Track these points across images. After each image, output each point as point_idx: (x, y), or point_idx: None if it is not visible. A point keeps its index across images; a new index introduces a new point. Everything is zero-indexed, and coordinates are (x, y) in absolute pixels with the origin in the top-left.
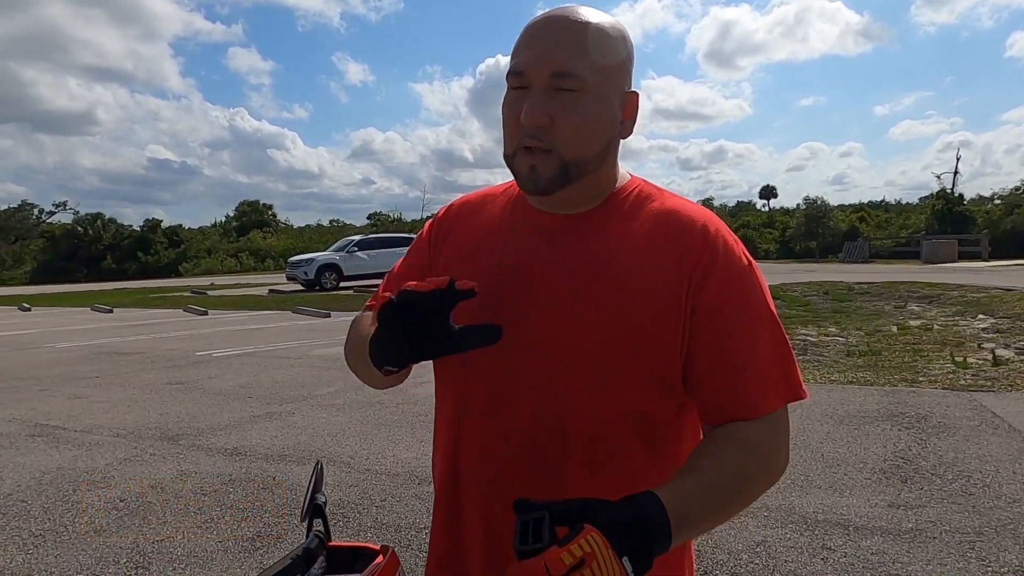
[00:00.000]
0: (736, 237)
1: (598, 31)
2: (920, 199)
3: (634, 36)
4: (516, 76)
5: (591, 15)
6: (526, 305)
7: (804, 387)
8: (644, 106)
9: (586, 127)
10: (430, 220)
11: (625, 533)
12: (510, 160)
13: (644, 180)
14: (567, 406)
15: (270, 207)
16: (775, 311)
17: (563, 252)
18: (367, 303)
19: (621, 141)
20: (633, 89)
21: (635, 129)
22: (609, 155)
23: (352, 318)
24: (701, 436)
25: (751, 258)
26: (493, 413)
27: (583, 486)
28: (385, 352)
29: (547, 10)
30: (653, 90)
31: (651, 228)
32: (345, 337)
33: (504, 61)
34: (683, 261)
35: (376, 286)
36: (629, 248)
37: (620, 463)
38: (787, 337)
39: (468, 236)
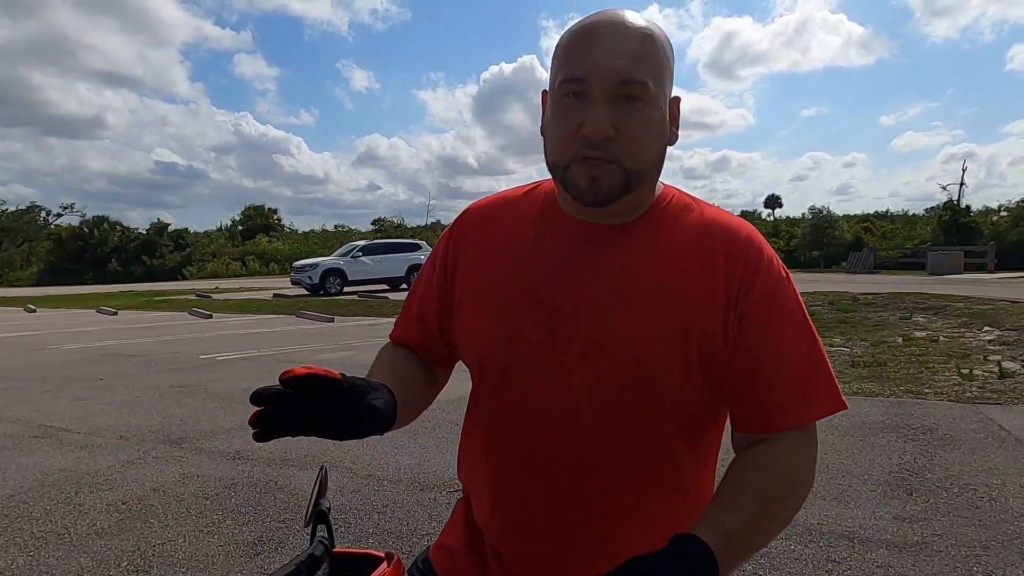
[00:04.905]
0: (773, 250)
1: (651, 37)
2: (926, 210)
3: None
4: (574, 83)
5: (640, 20)
6: (563, 318)
7: (843, 397)
8: None
9: (649, 137)
10: (446, 231)
11: None
12: (562, 170)
13: (678, 189)
14: (594, 426)
15: (275, 211)
16: (811, 321)
17: (605, 262)
18: (390, 335)
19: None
20: (674, 95)
21: None
22: (661, 164)
23: (355, 323)
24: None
25: (787, 270)
26: (521, 428)
27: (600, 508)
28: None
29: (590, 17)
30: None
31: (694, 236)
32: (348, 341)
33: (507, 69)
34: (730, 267)
35: (380, 291)
36: (673, 257)
37: (639, 485)
38: (823, 346)
39: (489, 245)
